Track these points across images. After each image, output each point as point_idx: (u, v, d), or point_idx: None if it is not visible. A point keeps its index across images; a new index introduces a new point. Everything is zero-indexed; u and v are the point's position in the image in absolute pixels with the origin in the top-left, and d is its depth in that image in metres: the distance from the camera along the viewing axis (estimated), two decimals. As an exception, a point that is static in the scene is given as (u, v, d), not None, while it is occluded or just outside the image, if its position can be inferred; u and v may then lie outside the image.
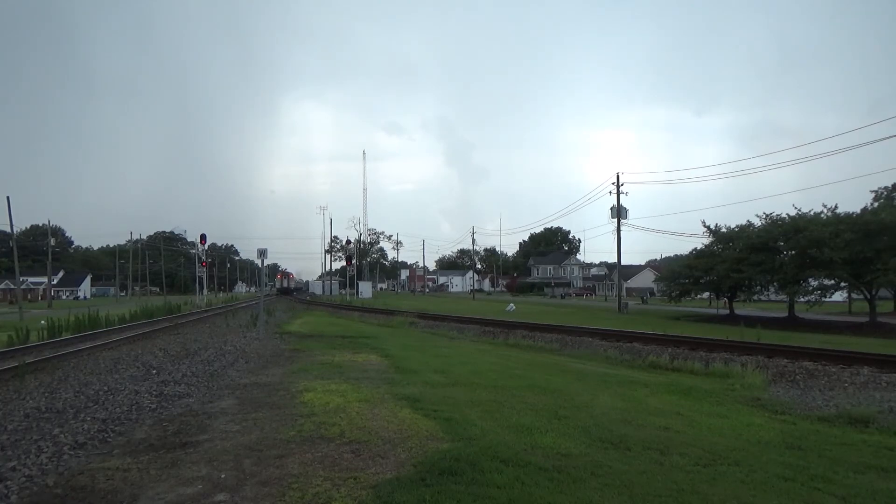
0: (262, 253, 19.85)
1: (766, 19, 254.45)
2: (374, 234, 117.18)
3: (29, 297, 73.92)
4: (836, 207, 30.19)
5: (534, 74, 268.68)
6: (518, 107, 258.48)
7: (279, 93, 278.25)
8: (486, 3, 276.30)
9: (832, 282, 29.85)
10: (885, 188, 36.06)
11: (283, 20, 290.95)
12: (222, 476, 4.44)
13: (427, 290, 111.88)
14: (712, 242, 36.80)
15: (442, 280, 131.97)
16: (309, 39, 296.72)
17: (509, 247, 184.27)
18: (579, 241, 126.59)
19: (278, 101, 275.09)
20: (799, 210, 31.61)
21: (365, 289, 73.44)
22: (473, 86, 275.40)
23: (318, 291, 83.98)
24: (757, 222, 33.70)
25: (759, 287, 34.01)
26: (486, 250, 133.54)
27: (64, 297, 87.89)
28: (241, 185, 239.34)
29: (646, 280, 79.43)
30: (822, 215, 30.10)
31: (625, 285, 65.13)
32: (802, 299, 30.65)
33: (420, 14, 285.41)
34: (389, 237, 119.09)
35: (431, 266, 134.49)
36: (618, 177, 42.79)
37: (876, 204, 33.34)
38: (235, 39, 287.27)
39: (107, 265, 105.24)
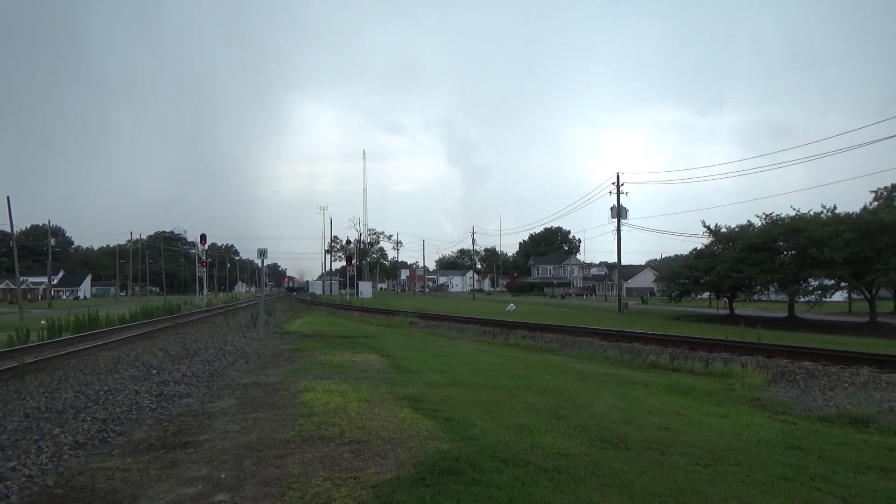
0: (263, 253, 19.89)
1: (775, 19, 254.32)
2: (374, 234, 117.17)
3: (29, 297, 73.85)
4: (835, 207, 30.25)
5: (538, 75, 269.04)
6: (524, 107, 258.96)
7: (284, 93, 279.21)
8: (491, 4, 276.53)
9: (832, 282, 29.86)
10: (885, 188, 36.07)
11: (288, 22, 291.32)
12: (222, 476, 4.44)
13: (427, 290, 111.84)
14: (712, 243, 36.82)
15: (442, 280, 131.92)
16: (314, 41, 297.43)
17: (510, 247, 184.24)
18: (579, 241, 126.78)
19: (283, 101, 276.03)
20: (798, 210, 31.67)
21: (365, 289, 73.45)
22: (477, 86, 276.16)
23: (319, 291, 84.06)
24: (758, 222, 33.76)
25: (759, 287, 34.02)
26: (486, 250, 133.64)
27: (64, 297, 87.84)
28: (243, 185, 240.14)
29: (646, 280, 79.41)
30: (822, 215, 30.11)
31: (625, 285, 65.12)
32: (802, 299, 30.65)
33: (425, 15, 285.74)
34: (389, 237, 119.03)
35: (431, 266, 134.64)
36: (618, 177, 42.84)
37: (876, 204, 33.34)
38: (240, 40, 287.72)
39: (107, 265, 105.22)
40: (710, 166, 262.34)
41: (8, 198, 37.86)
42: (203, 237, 41.68)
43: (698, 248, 38.65)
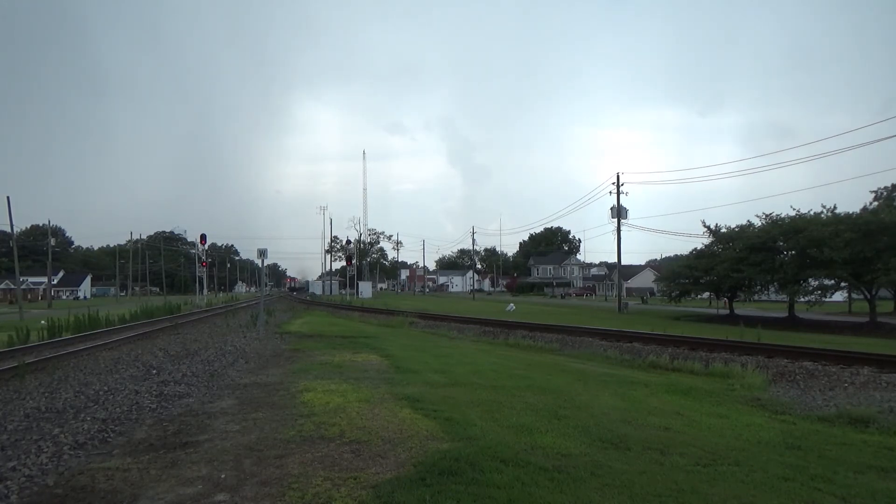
0: (263, 253, 19.89)
1: (775, 19, 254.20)
2: (374, 234, 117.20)
3: (29, 297, 73.82)
4: (835, 207, 30.26)
5: (538, 75, 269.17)
6: (525, 107, 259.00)
7: (284, 93, 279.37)
8: (491, 4, 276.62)
9: (832, 282, 29.86)
10: (885, 188, 36.12)
11: (289, 22, 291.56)
12: (222, 476, 4.44)
13: (427, 290, 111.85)
14: (712, 243, 36.82)
15: (442, 280, 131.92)
16: (315, 41, 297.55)
17: (510, 247, 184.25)
18: (579, 241, 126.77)
19: (283, 101, 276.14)
20: (798, 210, 31.68)
21: (365, 289, 73.45)
22: (478, 86, 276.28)
23: (319, 291, 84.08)
24: (758, 223, 33.77)
25: (759, 287, 34.03)
26: (486, 250, 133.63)
27: (64, 297, 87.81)
28: (243, 185, 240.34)
29: (646, 280, 79.41)
30: (822, 215, 30.11)
31: (625, 285, 65.12)
32: (802, 299, 30.66)
33: (425, 14, 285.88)
34: (389, 237, 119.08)
35: (431, 266, 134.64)
36: (618, 177, 42.84)
37: (876, 204, 33.36)
38: (241, 40, 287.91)
39: (107, 265, 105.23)
40: (711, 166, 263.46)
41: (8, 198, 37.94)
42: (203, 237, 41.68)
43: (698, 248, 38.69)
